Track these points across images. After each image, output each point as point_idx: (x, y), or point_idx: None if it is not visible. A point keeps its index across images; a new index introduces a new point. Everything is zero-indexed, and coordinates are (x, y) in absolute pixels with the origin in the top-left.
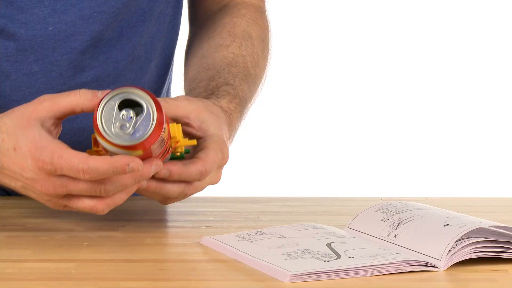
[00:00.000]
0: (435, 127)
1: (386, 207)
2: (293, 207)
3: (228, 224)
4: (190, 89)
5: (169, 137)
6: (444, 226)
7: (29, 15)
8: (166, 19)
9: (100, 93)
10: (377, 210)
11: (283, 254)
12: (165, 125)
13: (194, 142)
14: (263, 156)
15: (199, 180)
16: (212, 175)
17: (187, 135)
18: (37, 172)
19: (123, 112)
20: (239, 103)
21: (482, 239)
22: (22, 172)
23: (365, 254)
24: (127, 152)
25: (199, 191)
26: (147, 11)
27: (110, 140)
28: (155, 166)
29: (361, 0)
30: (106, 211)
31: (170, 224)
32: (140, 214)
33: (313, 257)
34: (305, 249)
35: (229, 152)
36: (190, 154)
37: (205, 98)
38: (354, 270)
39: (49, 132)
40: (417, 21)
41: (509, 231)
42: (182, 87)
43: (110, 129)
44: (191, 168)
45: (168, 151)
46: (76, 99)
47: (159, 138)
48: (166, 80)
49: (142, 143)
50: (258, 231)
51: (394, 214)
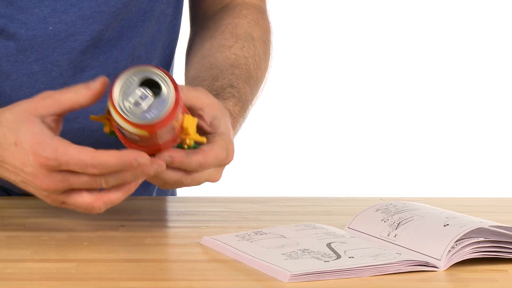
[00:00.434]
0: (435, 127)
1: (386, 207)
2: (293, 207)
3: (228, 224)
4: None
5: (181, 128)
6: (444, 226)
7: (29, 15)
8: (167, 19)
9: (92, 84)
10: (377, 210)
11: (283, 254)
12: (179, 115)
13: (204, 140)
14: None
15: (197, 172)
16: (212, 172)
17: (198, 128)
18: (38, 168)
19: (142, 90)
20: (242, 107)
21: (482, 239)
22: (23, 167)
23: (365, 254)
24: (133, 129)
25: (196, 185)
26: (148, 11)
27: (121, 113)
28: (157, 167)
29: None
30: (103, 210)
31: (170, 224)
32: (140, 214)
33: (313, 257)
34: (305, 249)
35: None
36: None
37: None
38: (354, 270)
39: (50, 129)
40: (417, 21)
41: (509, 231)
42: None
43: (124, 103)
44: (193, 158)
45: (176, 141)
46: (73, 96)
47: (169, 125)
48: None
49: (150, 126)
50: (258, 231)
51: (394, 214)
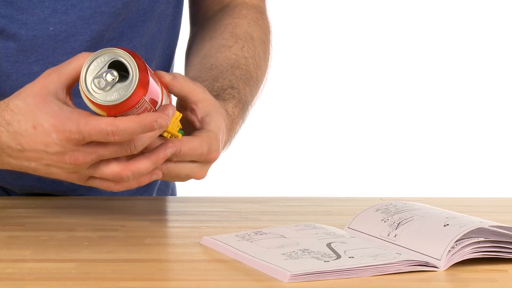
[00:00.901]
0: (435, 127)
1: (386, 207)
2: (293, 207)
3: (228, 224)
4: None
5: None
6: (444, 226)
7: (30, 16)
8: (167, 20)
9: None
10: (377, 210)
11: (283, 254)
12: (146, 101)
13: (179, 136)
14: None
15: (171, 160)
16: (195, 168)
17: (189, 122)
18: (65, 144)
19: (108, 71)
20: (242, 108)
21: (482, 239)
22: (47, 149)
23: (365, 254)
24: (94, 109)
25: (176, 179)
26: (148, 12)
27: (84, 92)
28: (171, 111)
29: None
30: (130, 182)
31: (170, 224)
32: (140, 214)
33: (313, 257)
34: (305, 249)
35: (220, 154)
36: None
37: None
38: (354, 270)
39: (66, 103)
40: (417, 21)
41: (509, 231)
42: None
43: (89, 80)
44: (166, 144)
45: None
46: (80, 63)
47: (132, 111)
48: None
49: (109, 108)
50: (258, 231)
51: (394, 214)
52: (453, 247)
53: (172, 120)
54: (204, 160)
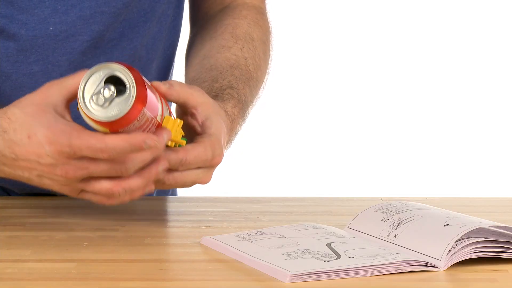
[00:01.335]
0: (435, 127)
1: (386, 207)
2: (293, 207)
3: (228, 224)
4: None
5: (159, 126)
6: (444, 226)
7: (30, 16)
8: (168, 20)
9: None
10: (377, 210)
11: (283, 254)
12: (146, 114)
13: (183, 143)
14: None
15: (178, 170)
16: (200, 174)
17: (190, 127)
18: (57, 157)
19: (105, 87)
20: (242, 108)
21: (482, 239)
22: (39, 159)
23: (365, 254)
24: (95, 126)
25: (182, 186)
26: (149, 12)
27: (84, 110)
28: (166, 135)
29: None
30: (121, 197)
31: (170, 224)
32: (140, 214)
33: (313, 257)
34: (305, 249)
35: (223, 156)
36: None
37: None
38: (354, 270)
39: (63, 116)
40: (417, 21)
41: (509, 231)
42: None
43: (87, 98)
44: (171, 155)
45: None
46: (79, 80)
47: (133, 124)
48: None
49: (110, 123)
50: (258, 231)
51: (394, 214)
52: (453, 247)
53: (175, 128)
54: (209, 165)
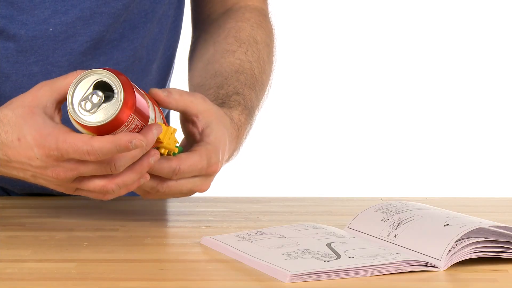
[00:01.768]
0: (435, 127)
1: (386, 207)
2: (293, 207)
3: (228, 224)
4: None
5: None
6: (444, 226)
7: (30, 16)
8: (168, 21)
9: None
10: (377, 210)
11: (283, 254)
12: (135, 119)
13: (176, 150)
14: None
15: (172, 179)
16: (197, 182)
17: (190, 135)
18: (45, 160)
19: (94, 93)
20: (248, 114)
21: (482, 239)
22: (30, 162)
23: (365, 254)
24: (84, 132)
25: (178, 195)
26: (149, 13)
27: (72, 115)
28: (156, 131)
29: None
30: (117, 193)
31: (170, 224)
32: (140, 214)
33: (313, 257)
34: (305, 249)
35: (222, 165)
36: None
37: None
38: (354, 270)
39: (52, 118)
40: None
41: (509, 231)
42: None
43: (76, 104)
44: (163, 164)
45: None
46: (71, 81)
47: (121, 129)
48: (167, 82)
49: (98, 128)
50: (258, 231)
51: (394, 214)
52: (453, 247)
53: (167, 135)
54: (205, 174)
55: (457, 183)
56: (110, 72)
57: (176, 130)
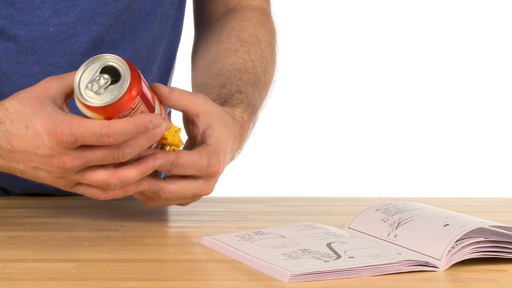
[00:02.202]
0: (435, 127)
1: (386, 207)
2: (293, 207)
3: (228, 224)
4: None
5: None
6: (444, 226)
7: (30, 17)
8: (169, 21)
9: None
10: (377, 210)
11: (283, 254)
12: (141, 105)
13: (180, 145)
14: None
15: (171, 172)
16: (200, 185)
17: (192, 136)
18: (55, 147)
19: (101, 76)
20: (252, 112)
21: (482, 239)
22: (36, 150)
23: (365, 254)
24: (92, 115)
25: (184, 202)
26: (150, 13)
27: (78, 97)
28: (165, 125)
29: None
30: (117, 190)
31: (170, 224)
32: (140, 214)
33: (313, 257)
34: (305, 249)
35: (223, 166)
36: None
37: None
38: (354, 270)
39: (62, 109)
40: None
41: (509, 231)
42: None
43: (83, 87)
44: (155, 155)
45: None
46: None
47: (127, 112)
48: (168, 82)
49: (105, 109)
50: (258, 231)
51: (394, 214)
52: (453, 247)
53: (172, 133)
54: (206, 174)
55: (457, 183)
56: (116, 56)
57: (181, 130)
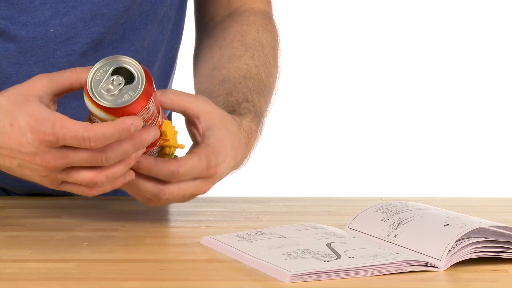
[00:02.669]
0: (435, 127)
1: (386, 207)
2: (293, 207)
3: (228, 224)
4: None
5: (160, 132)
6: (444, 226)
7: (31, 17)
8: (170, 22)
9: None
10: (377, 210)
11: (283, 254)
12: (152, 106)
13: (182, 146)
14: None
15: (171, 181)
16: (198, 185)
17: (192, 136)
18: (37, 145)
19: (114, 77)
20: (259, 121)
21: (482, 239)
22: (20, 148)
23: (365, 254)
24: (107, 116)
25: (181, 200)
26: (151, 14)
27: (93, 99)
28: (153, 133)
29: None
30: (105, 186)
31: (170, 224)
32: (140, 214)
33: (313, 257)
34: (305, 249)
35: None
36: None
37: None
38: (354, 270)
39: (48, 107)
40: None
41: (509, 231)
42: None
43: (96, 89)
44: (161, 166)
45: (154, 144)
46: (73, 75)
47: (142, 113)
48: (169, 84)
49: (122, 109)
50: (258, 231)
51: (394, 214)
52: (453, 247)
53: (172, 134)
54: (205, 176)
55: (457, 183)
56: (131, 59)
57: (178, 132)
